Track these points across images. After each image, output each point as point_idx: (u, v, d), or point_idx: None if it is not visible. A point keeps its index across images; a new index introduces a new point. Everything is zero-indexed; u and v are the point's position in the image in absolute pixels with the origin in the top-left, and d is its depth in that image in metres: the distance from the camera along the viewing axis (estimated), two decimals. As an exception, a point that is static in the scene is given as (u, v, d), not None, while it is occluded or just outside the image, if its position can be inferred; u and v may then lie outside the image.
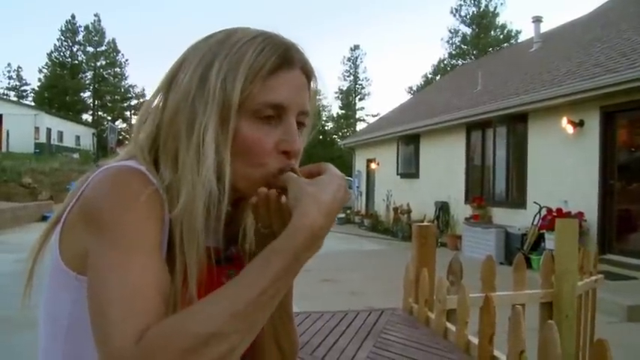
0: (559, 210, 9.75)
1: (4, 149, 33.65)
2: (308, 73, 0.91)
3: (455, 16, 48.76)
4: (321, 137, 55.41)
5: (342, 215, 21.28)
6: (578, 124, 9.90)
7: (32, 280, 0.90)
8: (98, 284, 0.73)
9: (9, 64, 68.09)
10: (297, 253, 0.73)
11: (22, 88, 57.05)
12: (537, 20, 16.84)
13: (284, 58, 0.86)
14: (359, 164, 22.14)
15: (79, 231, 0.80)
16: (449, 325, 3.11)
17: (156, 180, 0.81)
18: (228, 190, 0.83)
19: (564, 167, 10.23)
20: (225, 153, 0.83)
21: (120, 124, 54.64)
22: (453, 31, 49.55)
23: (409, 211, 15.72)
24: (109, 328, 0.69)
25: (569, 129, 10.00)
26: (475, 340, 2.84)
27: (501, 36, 47.27)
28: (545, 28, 17.45)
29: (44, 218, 17.53)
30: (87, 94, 56.83)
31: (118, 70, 56.56)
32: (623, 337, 5.49)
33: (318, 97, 0.98)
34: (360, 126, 52.16)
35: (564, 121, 10.05)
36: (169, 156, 0.84)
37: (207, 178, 0.81)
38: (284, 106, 0.86)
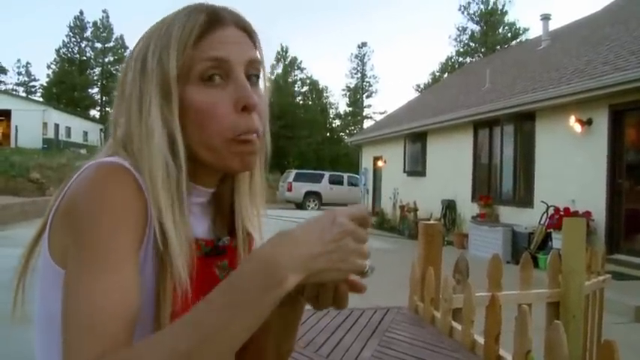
0: (566, 209, 9.71)
1: (12, 144, 33.81)
2: (245, 28, 0.90)
3: (463, 13, 48.74)
4: (328, 135, 55.44)
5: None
6: (587, 123, 9.85)
7: (24, 281, 0.89)
8: (64, 300, 0.73)
9: (18, 60, 68.78)
10: (243, 285, 0.69)
11: (31, 84, 57.42)
12: (546, 18, 16.76)
13: (211, 18, 0.86)
14: (366, 162, 22.10)
15: (63, 230, 0.79)
16: (454, 324, 3.10)
17: (138, 173, 0.80)
18: (184, 158, 0.83)
19: (572, 166, 10.18)
20: (174, 122, 0.83)
21: (127, 120, 54.76)
22: (461, 28, 49.48)
23: (416, 209, 15.69)
24: (66, 352, 0.70)
25: (577, 127, 9.96)
26: (481, 340, 2.83)
27: (509, 34, 47.14)
28: (553, 25, 17.39)
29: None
30: (95, 90, 57.05)
31: (125, 66, 56.77)
32: (631, 338, 5.46)
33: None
34: (367, 123, 52.17)
35: (572, 119, 10.00)
36: (133, 144, 0.83)
37: (159, 149, 0.81)
38: (225, 59, 0.84)
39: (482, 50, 45.87)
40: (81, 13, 54.85)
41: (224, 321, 0.68)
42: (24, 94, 51.33)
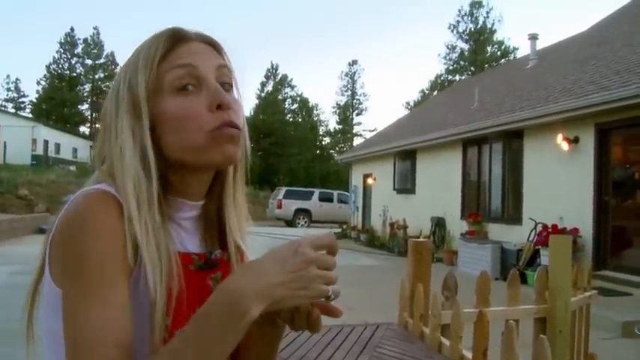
0: (554, 226, 9.80)
1: (0, 161, 33.67)
2: (209, 42, 0.95)
3: (452, 32, 49.18)
4: (318, 152, 55.56)
5: (339, 230, 21.32)
6: (573, 141, 9.99)
7: (35, 302, 0.93)
8: (65, 328, 0.79)
9: (7, 76, 68.53)
10: (211, 318, 0.76)
11: (20, 100, 57.23)
12: (533, 37, 17.02)
13: (175, 36, 0.91)
14: (355, 179, 22.18)
15: (57, 255, 0.84)
16: (443, 339, 3.15)
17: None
18: (154, 169, 0.87)
19: (559, 183, 10.31)
20: (145, 138, 0.87)
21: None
22: (450, 47, 49.93)
23: (405, 227, 15.74)
24: None
25: (565, 146, 10.09)
26: (469, 355, 2.87)
27: (498, 52, 47.65)
28: (541, 45, 17.63)
29: (41, 230, 17.53)
30: (85, 106, 56.99)
31: (116, 83, 56.65)
32: (618, 353, 5.53)
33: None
34: (356, 141, 52.34)
35: (559, 137, 10.15)
36: (113, 167, 0.88)
37: (130, 164, 0.86)
38: (193, 64, 0.89)
39: (472, 68, 46.30)
40: (72, 29, 54.92)
41: (199, 352, 0.75)
42: (13, 110, 51.19)
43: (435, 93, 42.94)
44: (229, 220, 1.00)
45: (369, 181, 20.18)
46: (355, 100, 57.78)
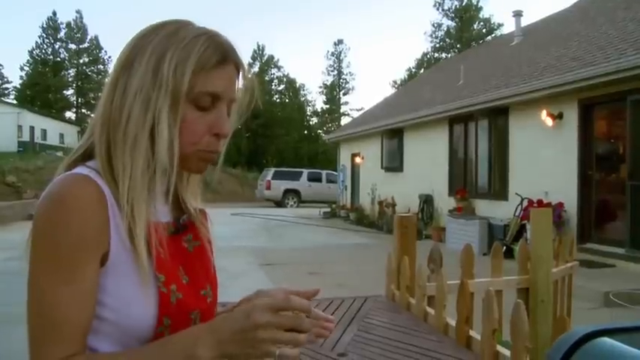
0: (540, 201, 9.95)
1: (-14, 148, 33.40)
2: (238, 69, 1.05)
3: (438, 9, 49.16)
4: (305, 132, 55.50)
5: (328, 209, 21.45)
6: (558, 117, 10.11)
7: None
8: (29, 306, 0.88)
9: (-10, 62, 67.45)
10: (165, 347, 0.89)
11: (4, 86, 56.50)
12: (518, 14, 17.07)
13: (224, 55, 1.00)
14: (343, 159, 22.28)
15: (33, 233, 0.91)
16: (429, 309, 3.27)
17: (101, 180, 0.92)
18: (176, 164, 0.97)
19: (544, 159, 10.45)
20: (175, 132, 0.96)
21: (104, 121, 54.01)
22: (436, 24, 49.91)
23: (394, 205, 15.87)
24: (31, 353, 0.88)
25: (549, 121, 10.22)
26: (453, 322, 3.00)
27: (484, 29, 47.64)
28: (525, 22, 17.70)
29: (31, 217, 17.43)
30: (70, 91, 56.44)
31: (101, 67, 56.12)
32: (599, 321, 5.70)
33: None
34: (344, 120, 52.35)
35: (544, 113, 10.26)
36: (123, 135, 0.95)
37: (161, 152, 0.95)
38: (219, 95, 0.99)
39: (458, 46, 46.29)
40: (54, 13, 54.36)
41: None
42: (-4, 97, 50.62)
43: (422, 71, 42.95)
44: (186, 193, 1.12)
45: (357, 160, 20.28)
46: (342, 80, 57.74)
